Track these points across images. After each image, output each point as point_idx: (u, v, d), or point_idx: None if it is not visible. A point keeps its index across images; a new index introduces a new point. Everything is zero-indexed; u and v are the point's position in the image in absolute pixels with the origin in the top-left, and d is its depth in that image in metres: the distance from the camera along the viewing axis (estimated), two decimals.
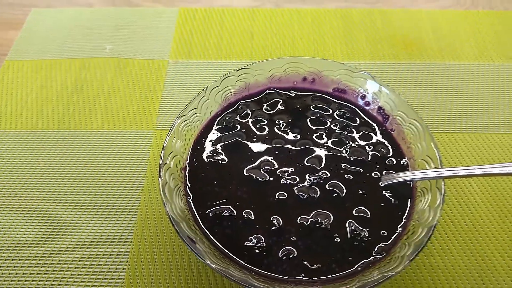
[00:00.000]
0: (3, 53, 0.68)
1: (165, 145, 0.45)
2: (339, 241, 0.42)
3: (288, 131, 0.50)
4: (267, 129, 0.50)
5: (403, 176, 0.45)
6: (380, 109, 0.51)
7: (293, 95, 0.53)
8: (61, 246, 0.48)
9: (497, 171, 0.38)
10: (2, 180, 0.53)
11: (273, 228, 0.43)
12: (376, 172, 0.47)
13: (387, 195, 0.45)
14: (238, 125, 0.50)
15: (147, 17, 0.73)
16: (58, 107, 0.61)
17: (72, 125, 0.59)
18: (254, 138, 0.49)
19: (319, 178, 0.46)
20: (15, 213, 0.51)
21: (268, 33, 0.71)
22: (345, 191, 0.45)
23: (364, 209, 0.44)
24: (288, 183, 0.45)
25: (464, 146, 0.57)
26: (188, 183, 0.46)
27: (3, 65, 0.66)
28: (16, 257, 0.48)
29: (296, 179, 0.46)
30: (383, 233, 0.42)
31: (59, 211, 0.51)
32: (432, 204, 0.42)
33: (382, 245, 0.42)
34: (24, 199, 0.52)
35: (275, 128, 0.50)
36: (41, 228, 0.50)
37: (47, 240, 0.49)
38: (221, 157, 0.48)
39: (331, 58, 0.67)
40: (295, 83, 0.54)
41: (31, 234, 0.49)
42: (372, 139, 0.49)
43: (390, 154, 0.48)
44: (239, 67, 0.52)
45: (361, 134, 0.50)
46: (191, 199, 0.45)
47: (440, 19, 0.72)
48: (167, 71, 0.65)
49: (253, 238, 0.42)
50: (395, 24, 0.72)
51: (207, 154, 0.48)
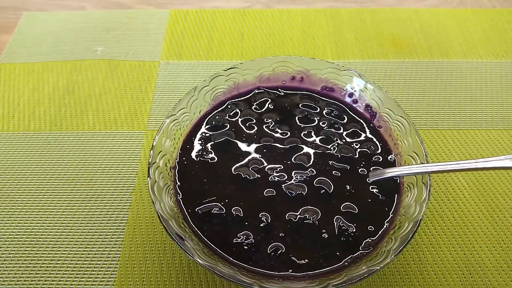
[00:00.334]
0: None
1: (154, 145, 0.45)
2: (327, 236, 0.42)
3: (277, 130, 0.50)
4: (256, 127, 0.50)
5: (390, 172, 0.45)
6: (367, 106, 0.51)
7: (282, 94, 0.54)
8: (53, 245, 0.49)
9: (481, 166, 0.39)
10: None
11: (262, 224, 0.43)
12: (363, 168, 0.47)
13: (374, 191, 0.45)
14: (227, 124, 0.51)
15: (138, 19, 0.74)
16: (50, 109, 0.61)
17: (64, 127, 0.59)
18: (243, 136, 0.50)
19: (307, 175, 0.46)
20: (7, 213, 0.51)
21: (258, 34, 0.71)
22: (332, 188, 0.45)
23: (351, 205, 0.44)
24: (276, 180, 0.46)
25: (452, 142, 0.58)
26: (177, 181, 0.46)
27: None
28: (8, 258, 0.48)
29: (284, 177, 0.46)
30: (370, 228, 0.43)
31: (51, 212, 0.51)
32: (418, 199, 0.42)
33: (369, 240, 0.42)
34: (16, 200, 0.52)
35: (264, 126, 0.51)
36: (33, 228, 0.50)
37: (39, 240, 0.49)
38: (210, 155, 0.48)
39: (321, 57, 0.67)
40: (283, 82, 0.54)
41: (23, 234, 0.50)
42: (360, 136, 0.50)
43: (377, 150, 0.49)
44: (229, 67, 0.53)
45: (349, 131, 0.50)
46: (181, 197, 0.45)
47: (428, 17, 0.73)
48: (158, 72, 0.66)
49: (242, 234, 0.43)
50: (384, 23, 0.72)
51: (196, 153, 0.48)
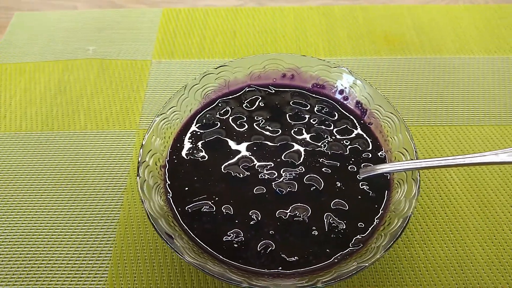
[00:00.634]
0: None
1: (143, 144, 0.45)
2: (317, 234, 0.42)
3: (267, 127, 0.50)
4: (246, 125, 0.50)
5: (381, 168, 0.45)
6: (358, 103, 0.51)
7: (273, 91, 0.53)
8: (45, 245, 0.49)
9: (469, 161, 0.39)
10: None
11: (252, 222, 0.43)
12: (354, 165, 0.47)
13: (365, 187, 0.45)
14: (218, 122, 0.51)
15: (130, 18, 0.73)
16: (41, 109, 0.61)
17: (55, 127, 0.59)
18: (234, 135, 0.50)
19: (298, 172, 0.46)
20: None
21: (250, 32, 0.71)
22: (323, 185, 0.45)
23: (341, 201, 0.44)
24: (267, 178, 0.46)
25: (445, 138, 0.57)
26: (167, 180, 0.46)
27: None
28: None
29: (274, 174, 0.46)
30: (360, 225, 0.43)
31: (43, 211, 0.51)
32: (408, 195, 0.42)
33: (359, 236, 0.42)
34: (8, 200, 0.52)
35: (255, 124, 0.50)
36: (25, 228, 0.50)
37: (31, 239, 0.49)
38: (201, 154, 0.48)
39: (314, 55, 0.67)
40: (274, 79, 0.54)
41: (15, 234, 0.49)
42: (350, 133, 0.50)
43: (368, 147, 0.48)
44: (219, 65, 0.53)
45: (339, 128, 0.50)
46: (171, 196, 0.45)
47: (421, 14, 0.73)
48: (150, 71, 0.65)
49: (232, 232, 0.42)
50: (377, 20, 0.72)
51: (187, 151, 0.48)
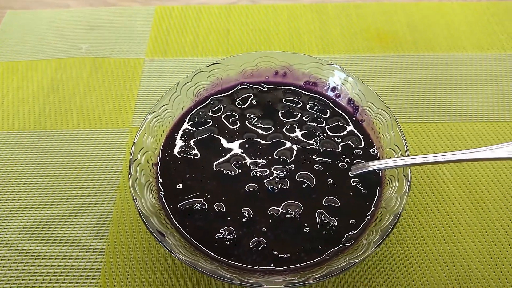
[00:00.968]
0: None
1: (135, 142, 0.45)
2: (309, 230, 0.42)
3: (260, 125, 0.50)
4: (239, 123, 0.50)
5: (372, 165, 0.45)
6: (350, 100, 0.51)
7: (265, 89, 0.53)
8: (38, 243, 0.49)
9: (456, 158, 0.39)
10: None
11: (244, 220, 0.43)
12: (346, 162, 0.47)
13: (356, 184, 0.45)
14: (210, 120, 0.51)
15: (123, 16, 0.73)
16: (34, 108, 0.61)
17: (48, 125, 0.59)
18: (226, 132, 0.50)
19: (290, 169, 0.46)
20: None
21: (244, 30, 0.71)
22: (315, 182, 0.45)
23: (333, 198, 0.44)
24: (259, 175, 0.46)
25: (437, 135, 0.58)
26: (159, 178, 0.46)
27: None
28: None
29: (267, 172, 0.46)
30: (352, 221, 0.43)
31: (36, 210, 0.51)
32: (399, 191, 0.42)
33: (351, 233, 0.42)
34: (0, 199, 0.52)
35: (247, 122, 0.50)
36: (18, 226, 0.50)
37: (24, 238, 0.49)
38: (193, 152, 0.48)
39: (307, 52, 0.67)
40: (267, 77, 0.54)
41: (8, 232, 0.49)
42: (342, 130, 0.50)
43: (360, 144, 0.49)
44: (211, 63, 0.53)
45: (331, 125, 0.50)
46: (163, 194, 0.45)
47: (414, 11, 0.73)
48: (143, 69, 0.65)
49: (224, 230, 0.42)
50: (370, 17, 0.72)
51: (179, 149, 0.48)
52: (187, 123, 0.50)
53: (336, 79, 0.52)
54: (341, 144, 0.49)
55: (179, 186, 0.45)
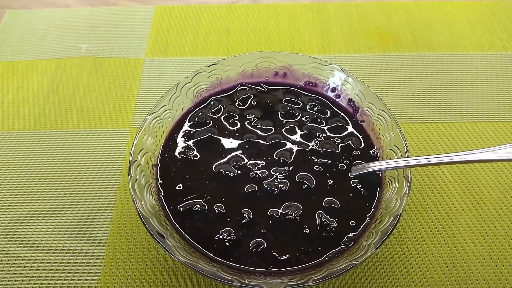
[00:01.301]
0: None
1: (135, 143, 0.45)
2: (309, 232, 0.42)
3: (260, 126, 0.50)
4: (239, 124, 0.50)
5: (372, 166, 0.45)
6: (350, 101, 0.51)
7: (265, 89, 0.53)
8: (38, 244, 0.49)
9: (457, 159, 0.39)
10: None
11: (244, 221, 0.43)
12: (346, 163, 0.47)
13: (356, 185, 0.45)
14: (210, 121, 0.51)
15: (123, 16, 0.73)
16: (34, 108, 0.61)
17: (48, 126, 0.59)
18: (226, 133, 0.50)
19: (290, 170, 0.46)
20: None
21: (244, 29, 0.71)
22: (315, 183, 0.45)
23: (333, 199, 0.44)
24: (259, 176, 0.46)
25: (437, 135, 0.57)
26: (159, 179, 0.46)
27: None
28: None
29: (266, 173, 0.46)
30: (352, 223, 0.43)
31: (36, 210, 0.51)
32: (399, 192, 0.42)
33: (350, 234, 0.42)
34: (0, 199, 0.52)
35: (247, 123, 0.50)
36: (18, 227, 0.50)
37: (24, 238, 0.49)
38: (193, 153, 0.48)
39: (307, 52, 0.67)
40: (267, 78, 0.54)
41: (8, 233, 0.49)
42: (342, 130, 0.50)
43: (360, 145, 0.49)
44: (211, 63, 0.53)
45: (331, 126, 0.50)
46: (162, 195, 0.45)
47: (414, 10, 0.73)
48: (143, 69, 0.65)
49: (223, 231, 0.42)
50: (370, 17, 0.72)
51: (179, 150, 0.48)
52: (187, 124, 0.50)
53: (336, 80, 0.52)
54: (341, 145, 0.48)
55: (179, 187, 0.45)
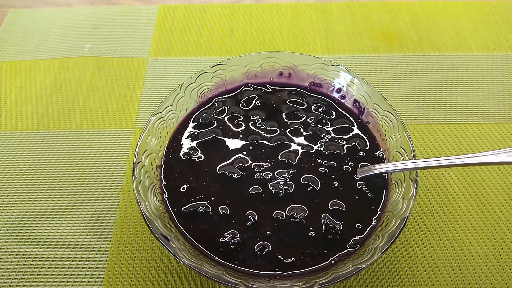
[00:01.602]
0: None
1: (139, 144, 0.45)
2: (314, 234, 0.42)
3: (264, 127, 0.50)
4: (243, 125, 0.50)
5: (378, 168, 0.45)
6: (355, 102, 0.51)
7: (270, 90, 0.53)
8: (41, 245, 0.48)
9: (468, 161, 0.39)
10: None
11: (249, 223, 0.43)
12: (351, 165, 0.47)
13: (362, 187, 0.45)
14: (214, 122, 0.50)
15: (126, 15, 0.73)
16: (37, 108, 0.61)
17: (51, 126, 0.59)
18: (230, 134, 0.49)
19: (294, 172, 0.46)
20: None
21: (248, 29, 0.70)
22: (320, 185, 0.45)
23: (339, 202, 0.44)
24: (263, 178, 0.45)
25: (443, 136, 0.57)
26: (163, 181, 0.46)
27: None
28: None
29: (271, 174, 0.46)
30: (357, 225, 0.42)
31: (39, 212, 0.51)
32: (405, 195, 0.42)
33: (356, 237, 0.42)
34: (3, 200, 0.52)
35: (251, 124, 0.50)
36: (21, 228, 0.50)
37: (27, 240, 0.49)
38: (197, 154, 0.48)
39: (311, 52, 0.67)
40: (271, 78, 0.53)
41: (11, 234, 0.49)
42: (348, 132, 0.49)
43: (366, 146, 0.48)
44: (215, 63, 0.52)
45: (337, 127, 0.50)
46: (167, 196, 0.45)
47: (419, 10, 0.72)
48: (146, 69, 0.65)
49: (228, 233, 0.42)
50: (375, 16, 0.72)
51: (183, 151, 0.48)
52: (191, 125, 0.50)
53: (341, 81, 0.51)
54: (347, 146, 0.48)
55: (183, 188, 0.45)
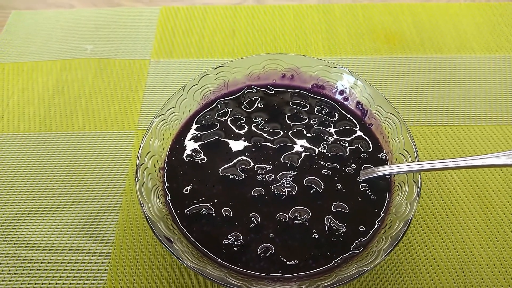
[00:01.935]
0: None
1: (142, 146, 0.45)
2: (317, 237, 0.42)
3: (267, 129, 0.50)
4: (246, 127, 0.50)
5: (382, 170, 0.45)
6: (358, 104, 0.51)
7: (272, 92, 0.53)
8: (43, 247, 0.48)
9: (470, 164, 0.39)
10: None
11: (252, 225, 0.43)
12: (354, 167, 0.47)
13: (365, 189, 0.45)
14: (217, 124, 0.50)
15: (128, 17, 0.73)
16: (39, 109, 0.61)
17: (53, 127, 0.59)
18: (233, 136, 0.49)
19: (297, 174, 0.46)
20: None
21: (250, 30, 0.70)
22: (323, 187, 0.45)
23: (342, 204, 0.44)
24: (266, 180, 0.45)
25: (445, 138, 0.57)
26: (166, 182, 0.46)
27: None
28: None
29: (274, 176, 0.46)
30: (361, 228, 0.42)
31: (41, 213, 0.51)
32: (409, 197, 0.42)
33: (360, 240, 0.42)
34: (6, 202, 0.52)
35: (254, 126, 0.50)
36: (24, 230, 0.49)
37: (29, 241, 0.49)
38: (200, 156, 0.48)
39: (313, 54, 0.67)
40: (274, 80, 0.53)
41: (13, 236, 0.49)
42: (350, 134, 0.49)
43: (368, 148, 0.48)
44: (218, 65, 0.52)
45: (339, 129, 0.50)
46: (170, 198, 0.44)
47: (421, 12, 0.72)
48: (148, 71, 0.65)
49: (231, 235, 0.42)
50: (377, 18, 0.72)
51: (186, 153, 0.48)
52: (194, 127, 0.50)
53: (344, 82, 0.51)
54: (349, 148, 0.48)
55: (186, 190, 0.45)
